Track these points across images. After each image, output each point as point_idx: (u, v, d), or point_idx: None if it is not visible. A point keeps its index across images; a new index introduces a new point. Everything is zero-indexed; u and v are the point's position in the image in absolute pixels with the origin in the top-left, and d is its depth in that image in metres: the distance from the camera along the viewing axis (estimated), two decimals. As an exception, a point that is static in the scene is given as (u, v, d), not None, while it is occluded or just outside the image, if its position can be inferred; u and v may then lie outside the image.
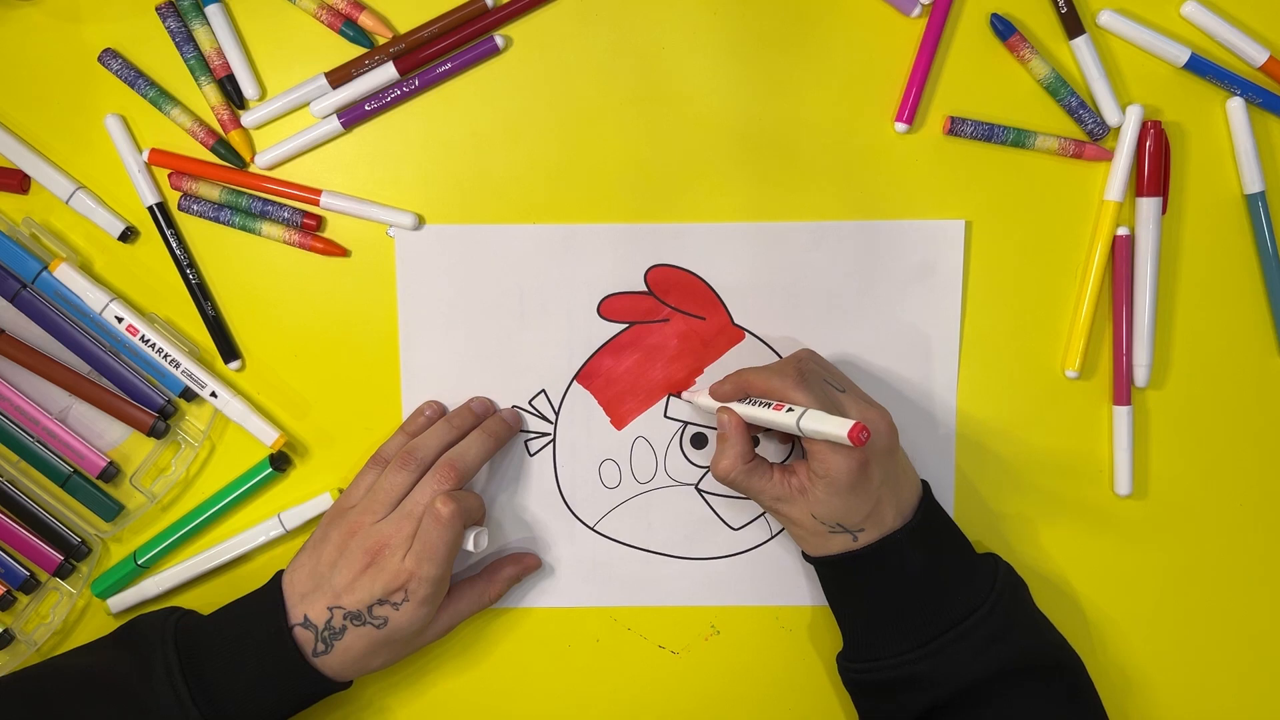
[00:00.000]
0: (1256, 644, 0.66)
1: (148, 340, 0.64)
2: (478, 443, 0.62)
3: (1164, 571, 0.66)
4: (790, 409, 0.55)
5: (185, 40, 0.63)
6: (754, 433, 0.62)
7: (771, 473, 0.59)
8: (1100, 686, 0.60)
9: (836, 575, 0.61)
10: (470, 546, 0.60)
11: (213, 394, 0.65)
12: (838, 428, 0.52)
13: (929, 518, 0.59)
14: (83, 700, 0.57)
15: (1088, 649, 0.65)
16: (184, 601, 0.66)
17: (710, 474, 0.66)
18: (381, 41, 0.63)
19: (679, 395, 0.65)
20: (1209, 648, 0.66)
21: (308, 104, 0.64)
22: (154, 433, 0.65)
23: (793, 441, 0.65)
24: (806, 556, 0.61)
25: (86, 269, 0.65)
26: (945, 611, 0.58)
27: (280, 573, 0.61)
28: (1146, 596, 0.66)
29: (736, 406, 0.59)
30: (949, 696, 0.57)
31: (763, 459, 0.60)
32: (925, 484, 0.61)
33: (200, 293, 0.65)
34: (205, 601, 0.62)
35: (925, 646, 0.57)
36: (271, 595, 0.59)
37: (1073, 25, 0.62)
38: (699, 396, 0.64)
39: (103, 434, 0.66)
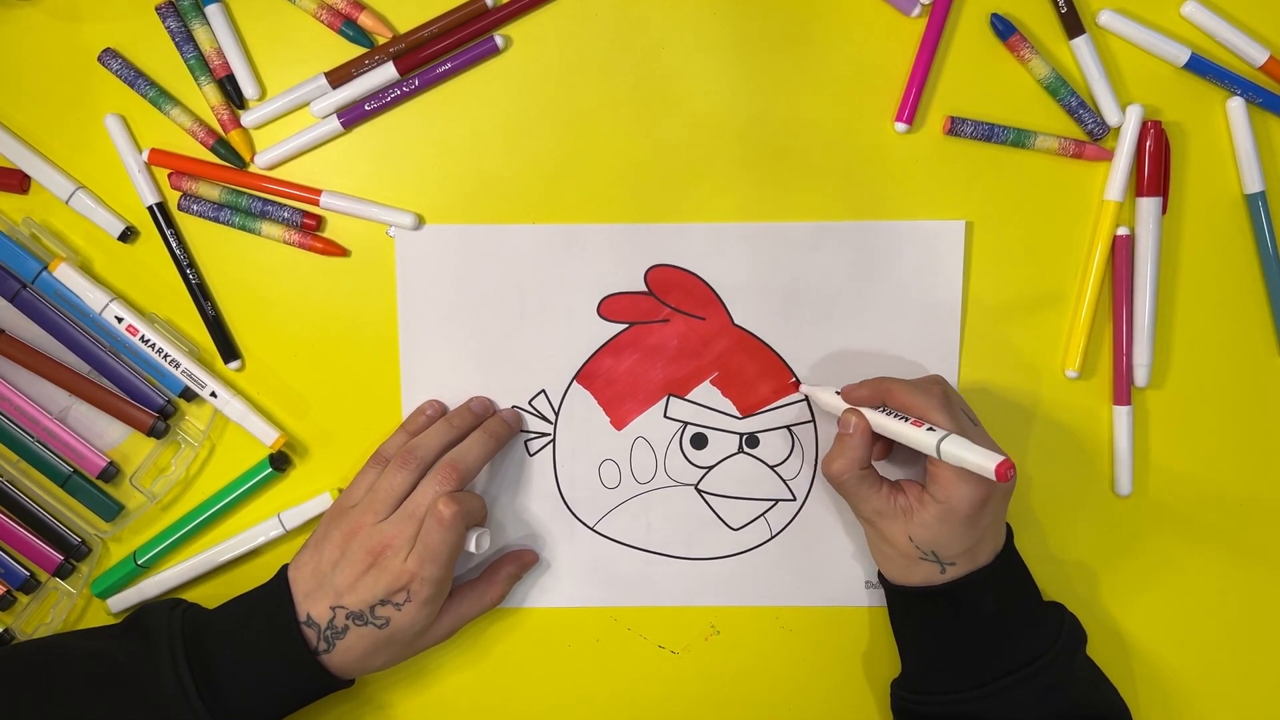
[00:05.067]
0: (1257, 643, 0.66)
1: (147, 340, 0.64)
2: (479, 443, 0.62)
3: (1164, 572, 0.66)
4: (931, 429, 0.55)
5: (185, 40, 0.63)
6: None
7: (881, 485, 0.58)
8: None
9: (909, 606, 0.61)
10: (472, 548, 0.60)
11: (212, 394, 0.65)
12: (985, 459, 0.51)
13: (1007, 562, 0.59)
14: (88, 683, 0.57)
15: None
16: (184, 601, 0.66)
17: (706, 474, 0.66)
18: (381, 41, 0.63)
19: (798, 386, 0.65)
20: (1210, 647, 0.66)
21: (307, 104, 0.64)
22: (154, 433, 0.65)
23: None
24: (882, 580, 0.61)
25: (86, 269, 0.65)
26: (1007, 656, 0.58)
27: (285, 567, 0.61)
28: (1146, 596, 0.66)
29: (868, 413, 0.59)
30: None
31: (875, 470, 0.59)
32: (1008, 525, 0.61)
33: (200, 293, 0.65)
34: (205, 601, 0.62)
35: (983, 688, 0.57)
36: (279, 590, 0.59)
37: (1073, 25, 0.62)
38: (823, 393, 0.63)
39: (103, 434, 0.66)
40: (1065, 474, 0.66)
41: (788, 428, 0.65)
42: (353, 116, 0.63)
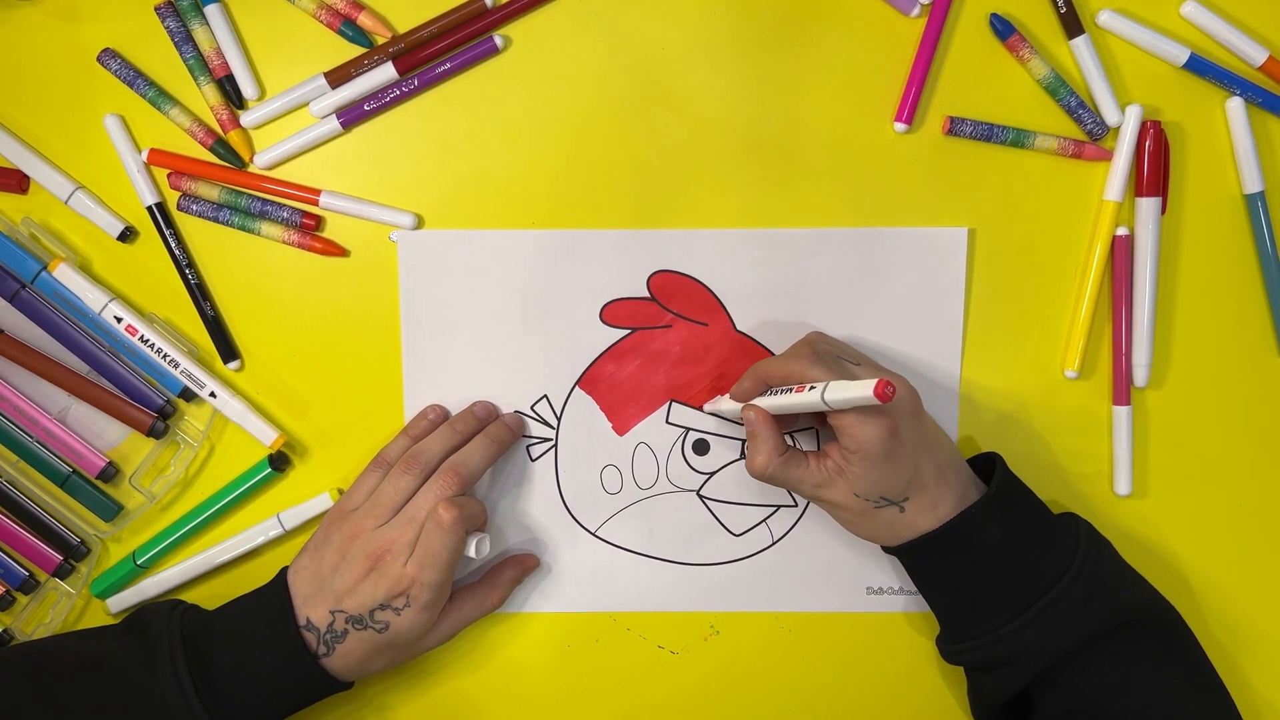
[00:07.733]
0: (1256, 644, 0.67)
1: (147, 340, 0.64)
2: (481, 448, 0.62)
3: (1164, 572, 0.66)
4: (812, 387, 0.55)
5: (184, 40, 0.63)
6: (784, 429, 0.61)
7: (807, 460, 0.59)
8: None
9: (917, 562, 0.60)
10: (472, 553, 0.60)
11: (212, 394, 0.65)
12: (862, 389, 0.52)
13: (1003, 489, 0.59)
14: (87, 685, 0.57)
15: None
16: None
17: (708, 480, 0.66)
18: (381, 41, 0.63)
19: (698, 406, 0.65)
20: (1207, 648, 0.66)
21: (307, 104, 0.64)
22: (153, 433, 0.65)
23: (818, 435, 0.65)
24: (885, 549, 0.61)
25: (85, 269, 0.65)
26: (1031, 581, 0.57)
27: (285, 569, 0.61)
28: (1145, 596, 0.66)
29: (760, 401, 0.59)
30: (1052, 663, 0.57)
31: (796, 449, 0.59)
32: (999, 456, 0.61)
33: (199, 293, 0.65)
34: (205, 602, 0.62)
35: (1018, 619, 0.57)
36: (278, 593, 0.59)
37: (1072, 25, 0.62)
38: (721, 403, 0.63)
39: (102, 434, 0.66)
40: (1065, 474, 0.66)
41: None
42: (352, 116, 0.63)
